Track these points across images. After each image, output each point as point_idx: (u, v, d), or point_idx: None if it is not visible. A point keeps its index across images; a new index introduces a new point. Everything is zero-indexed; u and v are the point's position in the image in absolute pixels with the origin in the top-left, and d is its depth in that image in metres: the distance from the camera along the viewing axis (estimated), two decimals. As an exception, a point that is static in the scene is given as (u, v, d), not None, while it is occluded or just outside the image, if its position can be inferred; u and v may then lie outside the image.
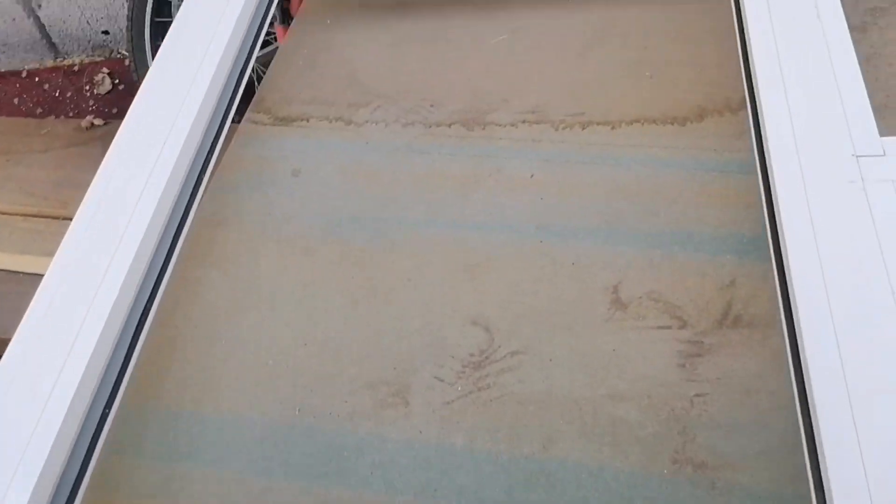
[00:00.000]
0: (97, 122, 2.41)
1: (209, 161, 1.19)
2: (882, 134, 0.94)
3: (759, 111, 1.00)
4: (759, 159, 0.98)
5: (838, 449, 0.72)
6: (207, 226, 1.20)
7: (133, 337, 0.99)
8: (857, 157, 0.88)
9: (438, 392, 0.97)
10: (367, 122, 1.30)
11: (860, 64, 1.02)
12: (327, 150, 1.27)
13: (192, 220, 1.14)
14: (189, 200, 1.13)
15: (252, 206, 1.22)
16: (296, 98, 1.38)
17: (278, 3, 1.47)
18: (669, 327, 0.97)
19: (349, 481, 0.92)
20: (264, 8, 1.41)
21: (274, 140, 1.31)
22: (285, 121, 1.34)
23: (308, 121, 1.33)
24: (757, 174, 0.99)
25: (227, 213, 1.22)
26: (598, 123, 1.21)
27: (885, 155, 0.87)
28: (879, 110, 1.05)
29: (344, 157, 1.26)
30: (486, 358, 0.99)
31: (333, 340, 1.04)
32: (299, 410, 0.99)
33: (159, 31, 2.31)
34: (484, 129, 1.24)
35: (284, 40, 1.53)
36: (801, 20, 1.03)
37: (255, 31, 1.36)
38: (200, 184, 1.17)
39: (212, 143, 1.21)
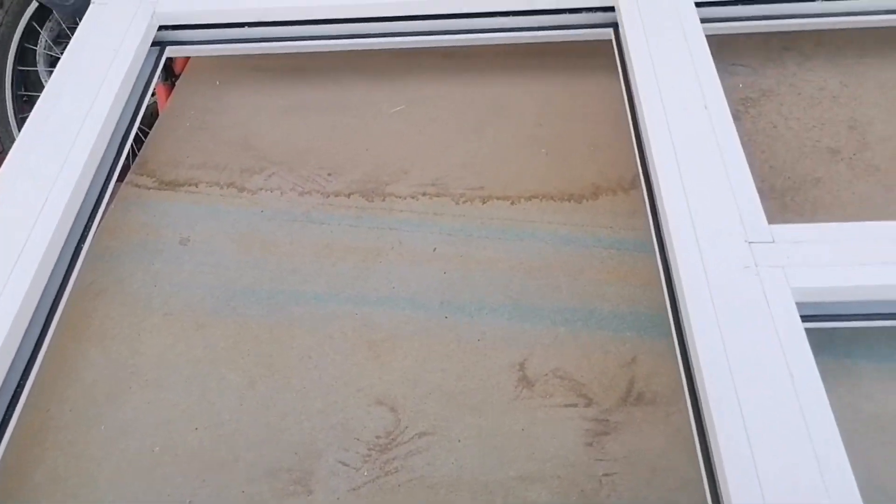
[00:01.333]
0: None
1: (90, 225, 1.10)
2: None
3: (656, 194, 1.04)
4: (658, 241, 1.02)
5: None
6: (86, 296, 1.11)
7: (1, 423, 0.88)
8: (749, 243, 0.93)
9: (343, 478, 0.93)
10: (261, 189, 1.26)
11: (738, 151, 1.10)
12: (219, 218, 1.22)
13: (70, 291, 1.05)
14: (68, 268, 1.04)
15: (136, 277, 1.14)
16: (183, 161, 1.32)
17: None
18: (576, 405, 0.98)
19: (248, 581, 0.86)
20: (152, 64, 1.34)
21: (160, 205, 1.24)
22: (172, 185, 1.27)
23: (197, 186, 1.27)
24: (655, 255, 1.03)
25: (108, 282, 1.13)
26: (497, 198, 1.22)
27: (774, 242, 0.93)
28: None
29: (237, 225, 1.20)
30: (393, 440, 0.96)
31: (228, 424, 0.98)
32: (190, 503, 0.91)
33: (21, 80, 2.16)
34: (384, 200, 1.23)
35: (170, 99, 1.46)
36: (690, 109, 1.09)
37: (142, 88, 1.29)
38: (80, 250, 1.08)
39: (93, 206, 1.13)
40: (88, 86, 1.20)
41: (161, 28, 1.36)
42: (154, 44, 1.36)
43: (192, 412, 0.99)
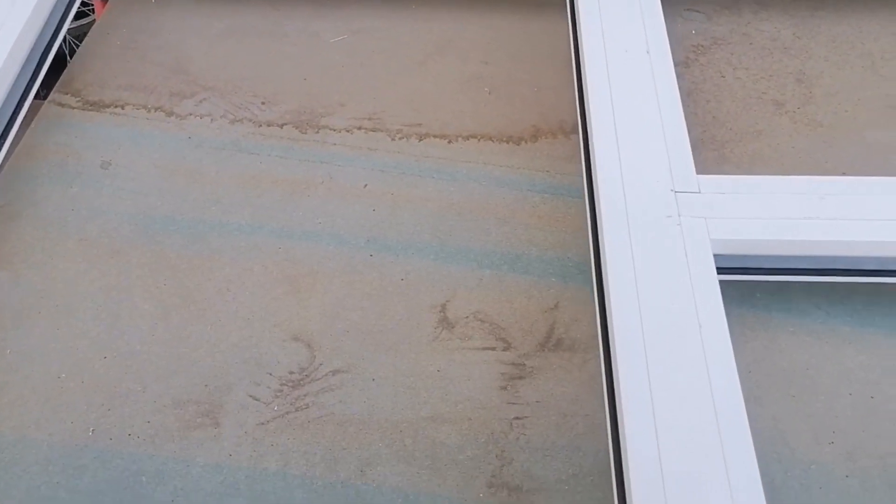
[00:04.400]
0: None
1: (3, 144, 1.06)
2: (698, 169, 0.98)
3: (589, 139, 1.01)
4: (588, 186, 1.00)
5: (643, 474, 0.73)
6: (-4, 218, 1.07)
7: None
8: (675, 192, 0.91)
9: (253, 412, 0.91)
10: (190, 115, 1.21)
11: (682, 98, 1.07)
12: (143, 143, 1.17)
13: (-22, 212, 1.01)
14: (-26, 189, 1.00)
15: (52, 199, 1.10)
16: (111, 81, 1.26)
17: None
18: (494, 349, 0.97)
19: (146, 511, 0.84)
20: (80, -21, 1.28)
21: (82, 126, 1.19)
22: (97, 106, 1.22)
23: (123, 108, 1.22)
24: (585, 200, 1.01)
25: (22, 205, 1.09)
26: (435, 136, 1.19)
27: (699, 192, 0.92)
28: (696, 145, 1.11)
29: (162, 151, 1.16)
30: (307, 376, 0.94)
31: (138, 353, 0.95)
32: (93, 431, 0.90)
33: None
34: (318, 132, 1.19)
35: (101, 16, 1.39)
36: (632, 53, 1.06)
37: (67, 2, 1.23)
38: (-10, 170, 1.03)
39: (7, 123, 1.08)
40: (6, -4, 1.13)
41: (91, -61, 1.29)
42: (84, -45, 1.29)
43: (101, 340, 0.96)
